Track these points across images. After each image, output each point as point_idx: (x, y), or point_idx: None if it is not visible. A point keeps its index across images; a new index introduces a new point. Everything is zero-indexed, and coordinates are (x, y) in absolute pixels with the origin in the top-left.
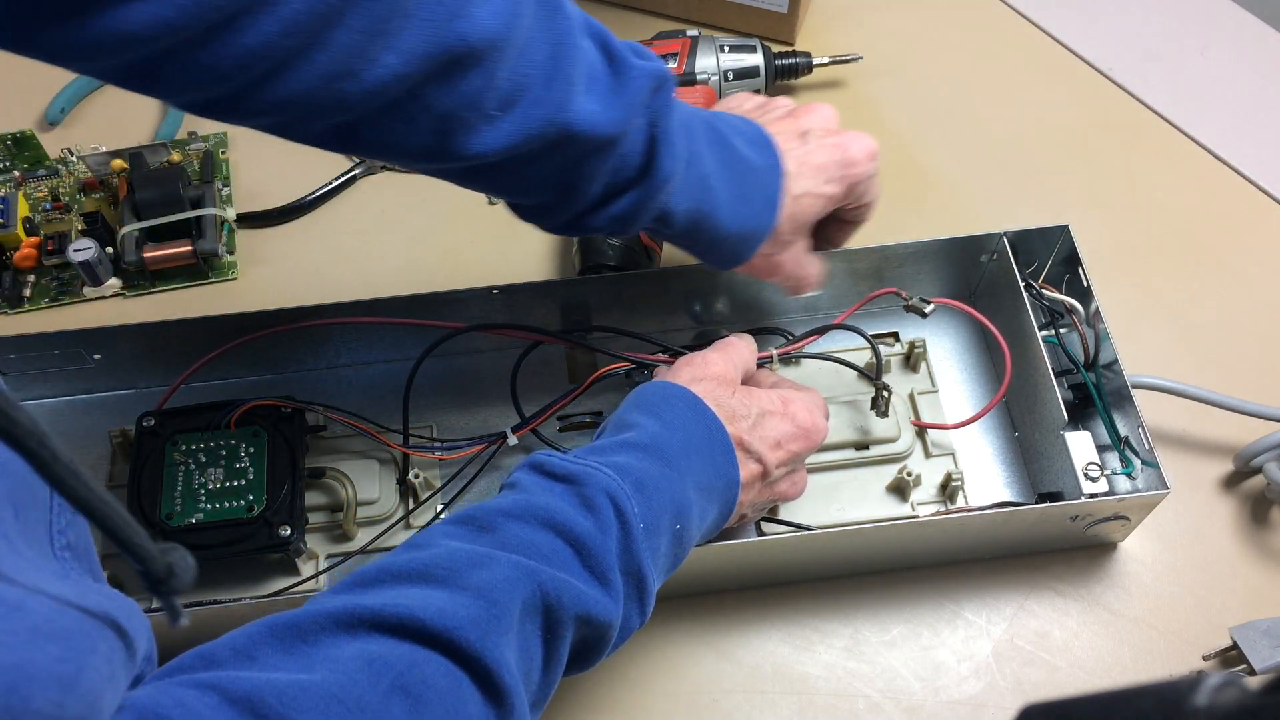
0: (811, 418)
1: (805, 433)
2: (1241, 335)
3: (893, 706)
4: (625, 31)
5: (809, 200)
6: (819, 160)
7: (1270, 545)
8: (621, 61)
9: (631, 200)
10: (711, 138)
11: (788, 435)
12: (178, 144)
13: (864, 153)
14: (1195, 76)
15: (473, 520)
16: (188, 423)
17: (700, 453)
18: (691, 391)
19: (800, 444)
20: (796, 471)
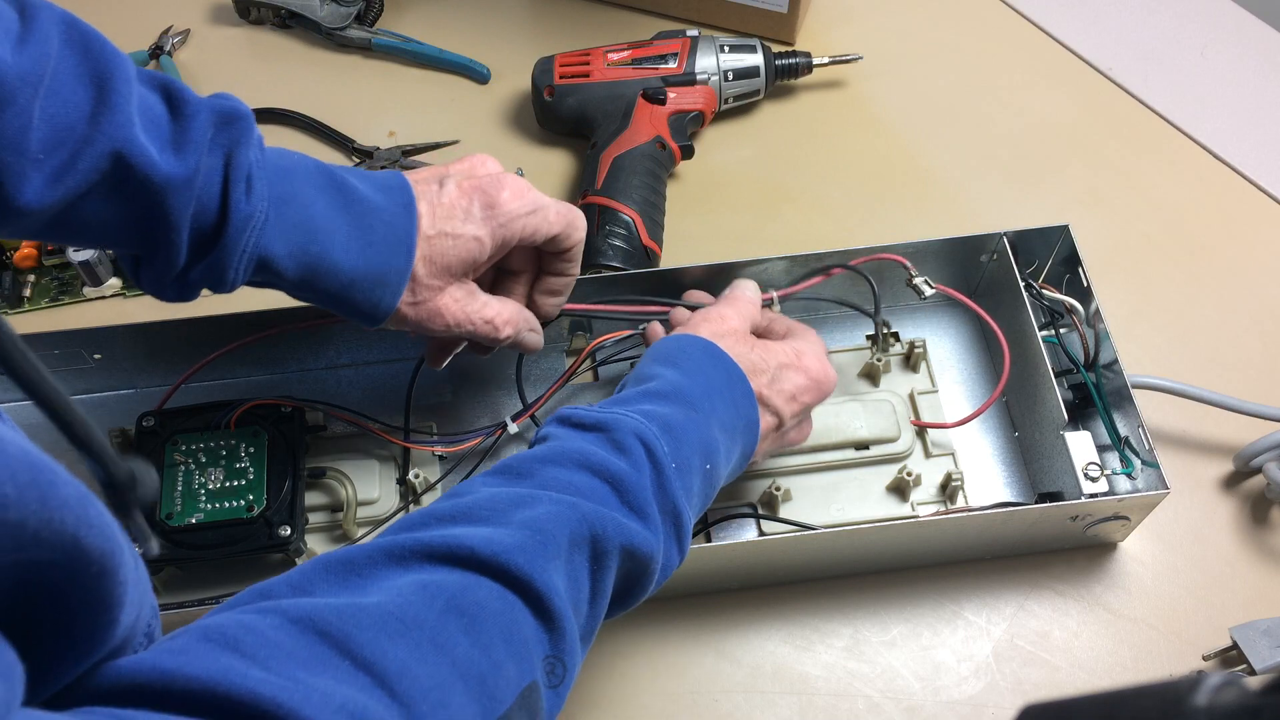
0: (822, 367)
1: (818, 384)
2: (1241, 335)
3: (893, 706)
4: (625, 32)
5: (449, 242)
6: (451, 199)
7: (1270, 545)
8: (184, 101)
9: (222, 247)
10: (321, 181)
11: (802, 387)
12: None
13: (509, 191)
14: (1195, 76)
15: (510, 470)
16: (188, 423)
17: (722, 396)
18: (707, 339)
19: (813, 395)
20: (805, 421)
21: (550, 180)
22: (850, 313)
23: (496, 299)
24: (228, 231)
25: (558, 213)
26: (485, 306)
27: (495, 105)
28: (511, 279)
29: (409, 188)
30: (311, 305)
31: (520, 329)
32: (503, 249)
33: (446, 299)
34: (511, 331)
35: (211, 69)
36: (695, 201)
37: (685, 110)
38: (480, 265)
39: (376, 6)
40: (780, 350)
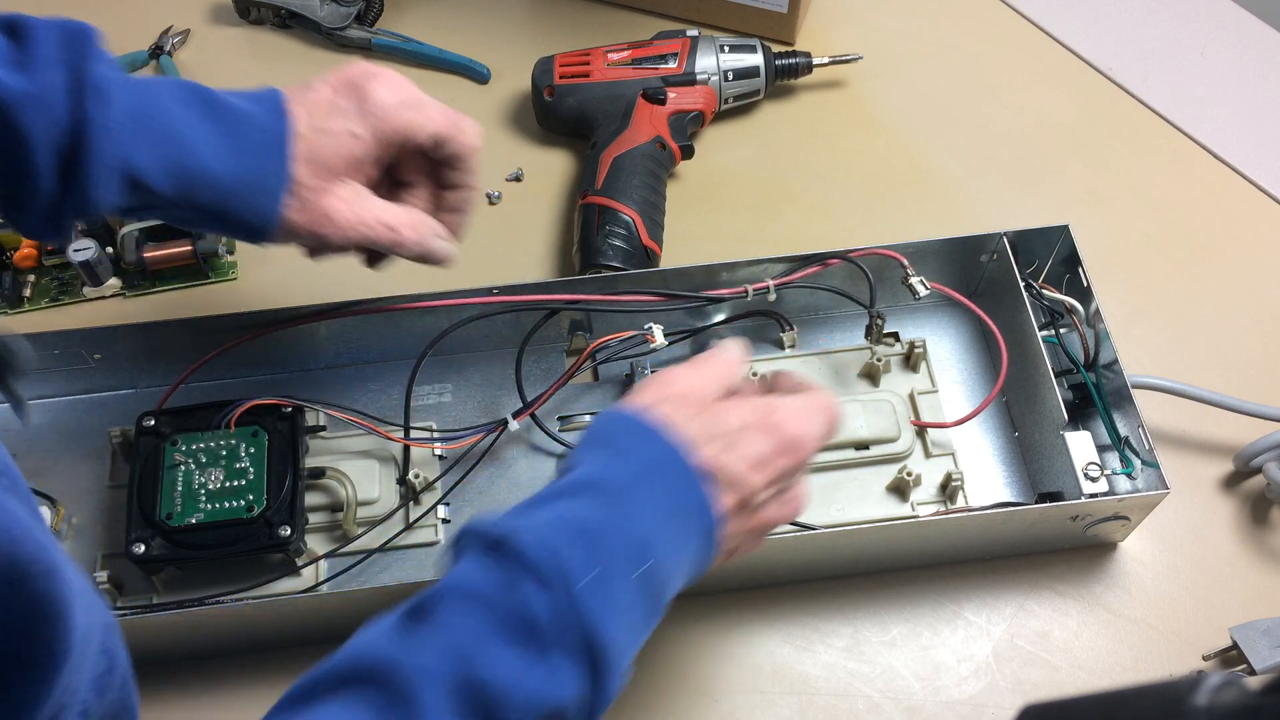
0: (802, 425)
1: (791, 445)
2: (1241, 335)
3: (893, 706)
4: (625, 32)
5: (324, 138)
6: (322, 95)
7: (1270, 545)
8: (27, 25)
9: (84, 164)
10: (185, 94)
11: (770, 452)
12: None
13: (384, 86)
14: (1195, 76)
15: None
16: (188, 423)
17: (652, 479)
18: (641, 416)
19: (787, 460)
20: (789, 490)
21: (550, 180)
22: (851, 312)
23: (395, 205)
24: (87, 146)
25: (442, 112)
26: (382, 210)
27: (495, 105)
28: (407, 191)
29: (278, 92)
30: (311, 305)
31: (424, 234)
32: (385, 147)
33: (334, 200)
34: (414, 236)
35: (211, 69)
36: (695, 201)
37: (685, 110)
38: (364, 164)
39: (376, 6)
40: (741, 409)
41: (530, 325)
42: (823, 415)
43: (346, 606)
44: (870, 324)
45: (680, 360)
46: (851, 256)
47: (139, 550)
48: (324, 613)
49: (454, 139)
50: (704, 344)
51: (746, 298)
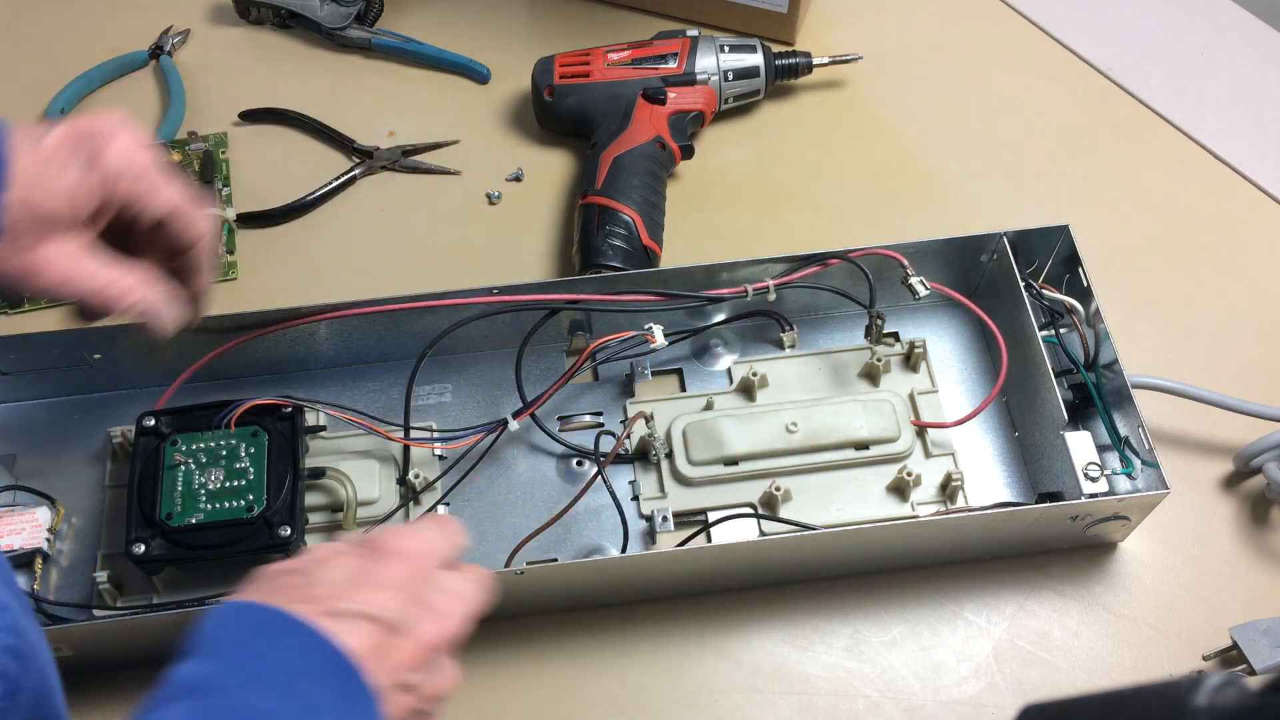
0: (398, 536)
1: (409, 556)
2: (1241, 335)
3: (893, 706)
4: (625, 32)
5: (44, 190)
6: (54, 147)
7: (1270, 545)
8: None
9: None
10: None
11: (392, 569)
12: (178, 144)
13: (119, 147)
14: (1195, 76)
15: None
16: (188, 423)
17: (246, 642)
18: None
19: (415, 569)
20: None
21: (550, 180)
22: (851, 312)
23: (116, 266)
24: None
25: (174, 193)
26: (93, 271)
27: (495, 105)
28: (142, 251)
29: (3, 130)
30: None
31: (141, 302)
32: (107, 210)
33: (49, 254)
34: (127, 303)
35: (211, 69)
36: (695, 201)
37: (685, 110)
38: (84, 221)
39: (376, 6)
40: (325, 549)
41: (530, 325)
42: (438, 530)
43: None
44: (870, 324)
45: (680, 360)
46: (851, 256)
47: (139, 550)
48: None
49: (181, 228)
50: (704, 344)
51: (746, 298)
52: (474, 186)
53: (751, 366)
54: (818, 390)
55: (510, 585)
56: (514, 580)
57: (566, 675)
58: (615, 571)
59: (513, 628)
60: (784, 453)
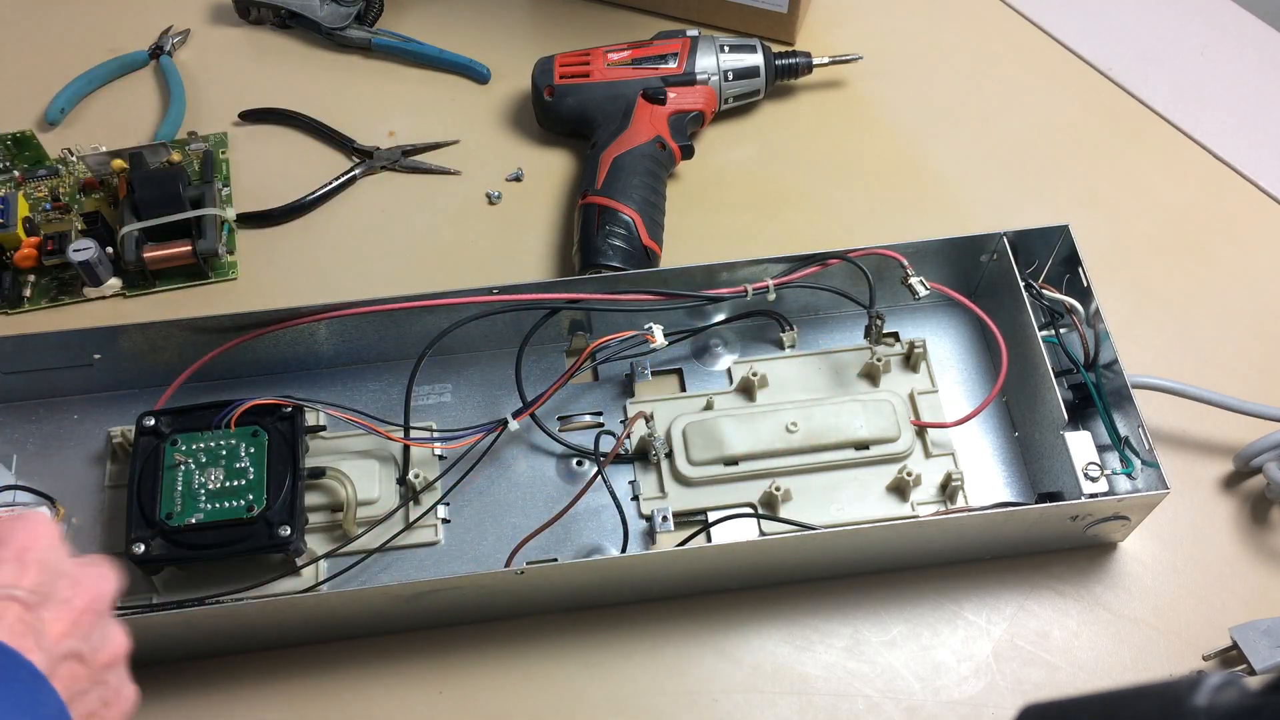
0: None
1: (25, 534)
2: (1241, 335)
3: (893, 706)
4: (625, 32)
5: None
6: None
7: (1270, 545)
8: None
9: None
10: None
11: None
12: (178, 144)
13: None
14: (1195, 76)
15: None
16: (188, 423)
17: None
18: None
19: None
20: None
21: (550, 180)
22: (851, 312)
23: None
24: None
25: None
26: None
27: (495, 105)
28: None
29: None
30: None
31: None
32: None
33: None
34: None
35: (211, 69)
36: (695, 201)
37: (685, 110)
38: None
39: (376, 6)
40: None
41: (530, 325)
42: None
43: (346, 606)
44: (870, 324)
45: (680, 360)
46: (851, 256)
47: (139, 550)
48: (324, 613)
49: None
50: (704, 344)
51: (746, 298)
52: (474, 186)
53: (751, 366)
54: (818, 390)
55: (510, 585)
56: (514, 580)
57: (566, 675)
58: (615, 571)
59: (513, 628)
60: (784, 453)
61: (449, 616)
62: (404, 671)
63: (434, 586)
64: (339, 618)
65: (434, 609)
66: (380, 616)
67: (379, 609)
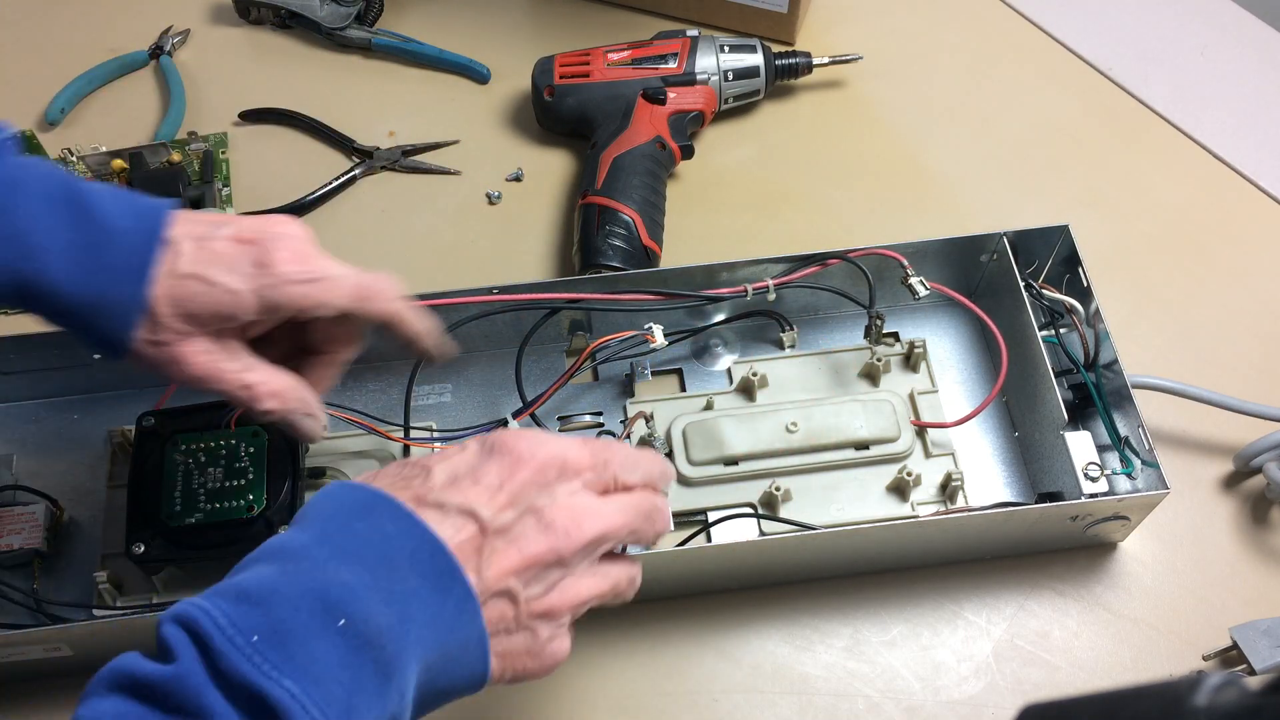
0: (524, 440)
1: (524, 459)
2: (1241, 335)
3: (893, 706)
4: (625, 32)
5: (199, 286)
6: (220, 248)
7: (1270, 545)
8: None
9: None
10: (56, 194)
11: (501, 468)
12: (178, 144)
13: (289, 252)
14: (1195, 76)
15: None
16: (188, 422)
17: (343, 520)
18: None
19: (527, 472)
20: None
21: (550, 180)
22: (851, 312)
23: (267, 367)
24: None
25: (351, 283)
26: (246, 370)
27: (495, 105)
28: (310, 355)
29: (164, 215)
30: None
31: (288, 405)
32: (271, 313)
33: (193, 348)
34: (275, 405)
35: (211, 69)
36: (695, 201)
37: (685, 110)
38: (237, 323)
39: (376, 6)
40: (456, 451)
41: (530, 325)
42: (579, 439)
43: None
44: (870, 324)
45: (680, 360)
46: (851, 256)
47: (139, 550)
48: None
49: (367, 307)
50: (704, 344)
51: (746, 297)
52: (474, 186)
53: (751, 366)
54: (818, 390)
55: None
56: None
57: (567, 675)
58: None
59: None
60: (784, 453)
61: None
62: None
63: None
64: None
65: None
66: None
67: None
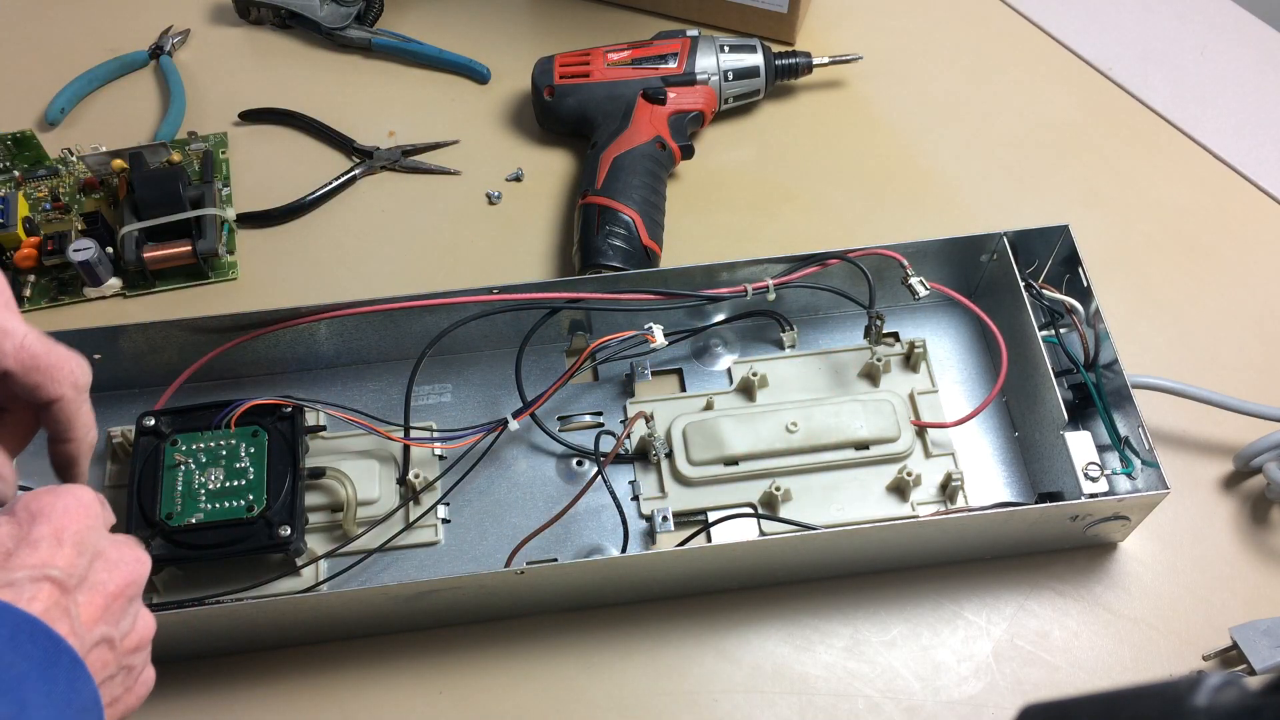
0: (44, 496)
1: (68, 510)
2: (1241, 335)
3: (893, 706)
4: (625, 32)
5: None
6: None
7: (1270, 545)
8: None
9: None
10: None
11: (49, 525)
12: (178, 144)
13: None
14: (1195, 76)
15: None
16: (188, 423)
17: None
18: None
19: (77, 521)
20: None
21: (550, 180)
22: (851, 312)
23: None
24: None
25: (20, 346)
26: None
27: (495, 105)
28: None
29: None
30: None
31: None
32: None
33: None
34: None
35: (211, 69)
36: (695, 201)
37: (685, 110)
38: None
39: (376, 6)
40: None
41: (530, 325)
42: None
43: (346, 606)
44: (870, 324)
45: (680, 360)
46: (851, 256)
47: None
48: (324, 613)
49: (36, 386)
50: (704, 344)
51: (746, 297)
52: (474, 186)
53: (751, 366)
54: (818, 390)
55: (510, 585)
56: (514, 580)
57: (566, 675)
58: (615, 571)
59: (513, 628)
60: (784, 453)
61: (449, 616)
62: (404, 671)
63: (434, 586)
64: (339, 618)
65: (434, 609)
66: (380, 616)
67: (379, 609)
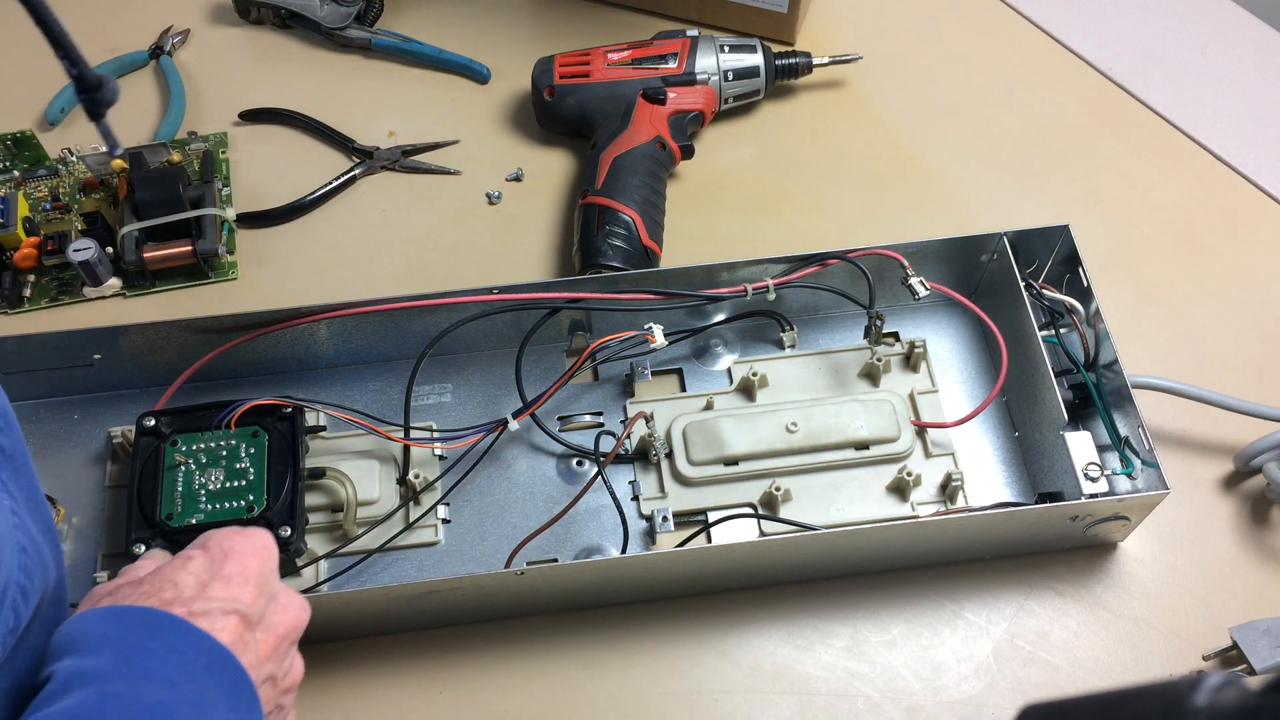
0: (232, 537)
1: (253, 551)
2: (1241, 335)
3: (893, 706)
4: (625, 32)
5: None
6: None
7: (1270, 545)
8: None
9: None
10: None
11: (238, 563)
12: (178, 144)
13: None
14: (1195, 76)
15: None
16: (188, 423)
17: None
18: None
19: (258, 561)
20: (279, 598)
21: (550, 180)
22: (851, 312)
23: None
24: None
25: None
26: None
27: (495, 105)
28: None
29: None
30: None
31: None
32: None
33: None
34: None
35: (211, 69)
36: (695, 201)
37: (685, 110)
38: None
39: (376, 6)
40: (180, 563)
41: (530, 325)
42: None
43: (346, 606)
44: (870, 324)
45: (680, 360)
46: (851, 256)
47: (139, 551)
48: (324, 613)
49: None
50: (704, 344)
51: (746, 297)
52: (474, 186)
53: (751, 366)
54: (818, 390)
55: (510, 585)
56: (514, 580)
57: (566, 675)
58: (615, 572)
59: (513, 628)
60: (784, 453)
61: (449, 616)
62: (404, 671)
63: (434, 587)
64: (339, 618)
65: (434, 609)
66: (380, 616)
67: (379, 609)
